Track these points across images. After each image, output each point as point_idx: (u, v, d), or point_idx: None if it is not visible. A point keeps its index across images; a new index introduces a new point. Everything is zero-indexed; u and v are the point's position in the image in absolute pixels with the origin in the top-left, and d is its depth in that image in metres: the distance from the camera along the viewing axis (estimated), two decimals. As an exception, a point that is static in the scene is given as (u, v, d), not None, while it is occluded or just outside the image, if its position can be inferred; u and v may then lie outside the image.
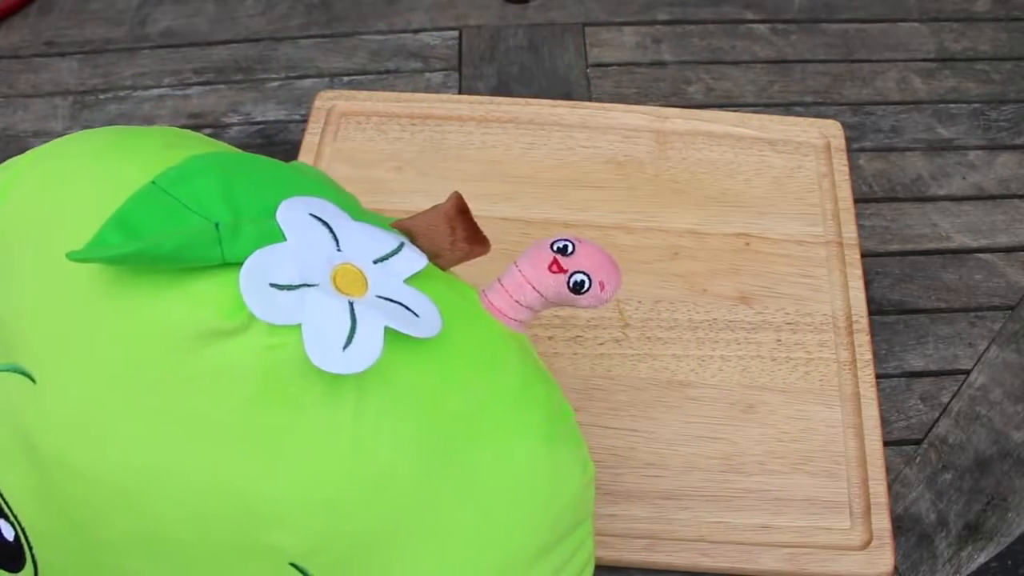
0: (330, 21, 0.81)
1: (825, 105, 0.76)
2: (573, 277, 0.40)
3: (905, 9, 0.83)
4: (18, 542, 0.37)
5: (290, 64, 0.78)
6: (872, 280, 0.66)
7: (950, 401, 0.61)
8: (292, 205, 0.37)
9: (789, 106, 0.76)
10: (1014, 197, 0.71)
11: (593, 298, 0.41)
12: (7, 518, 0.37)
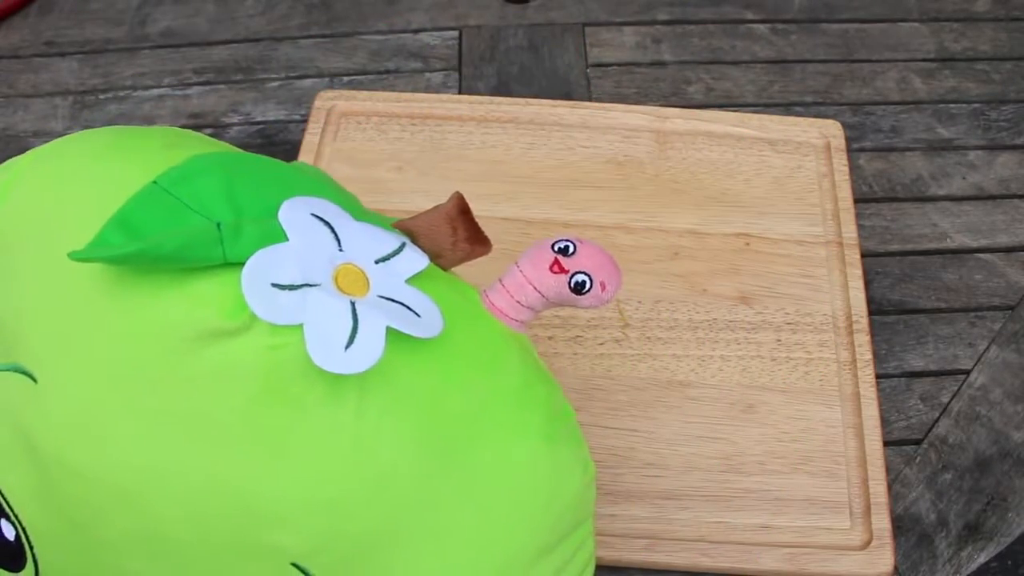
0: (330, 21, 0.81)
1: (825, 105, 0.76)
2: (574, 277, 0.40)
3: (905, 9, 0.83)
4: (19, 542, 0.37)
5: (290, 64, 0.78)
6: (872, 280, 0.66)
7: (950, 401, 0.61)
8: (294, 205, 0.37)
9: (789, 106, 0.76)
10: (1014, 197, 0.71)
11: (594, 298, 0.41)
12: (8, 518, 0.37)
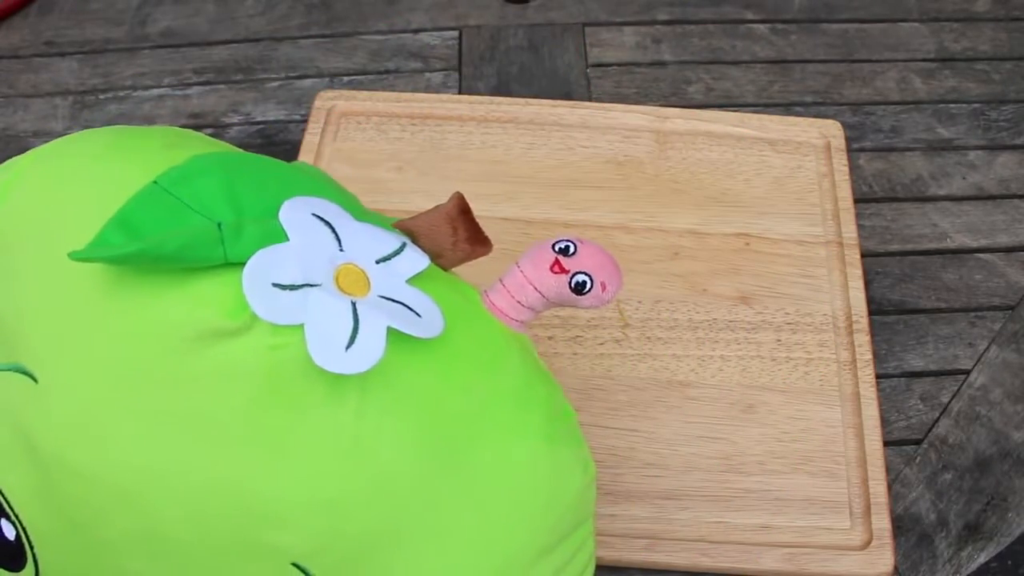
0: (330, 21, 0.81)
1: (825, 105, 0.76)
2: (575, 278, 0.40)
3: (905, 9, 0.83)
4: (19, 541, 0.37)
5: (290, 64, 0.78)
6: (872, 280, 0.66)
7: (950, 401, 0.61)
8: (294, 205, 0.37)
9: (789, 106, 0.76)
10: (1014, 197, 0.71)
11: (595, 299, 0.41)
12: (8, 518, 0.37)
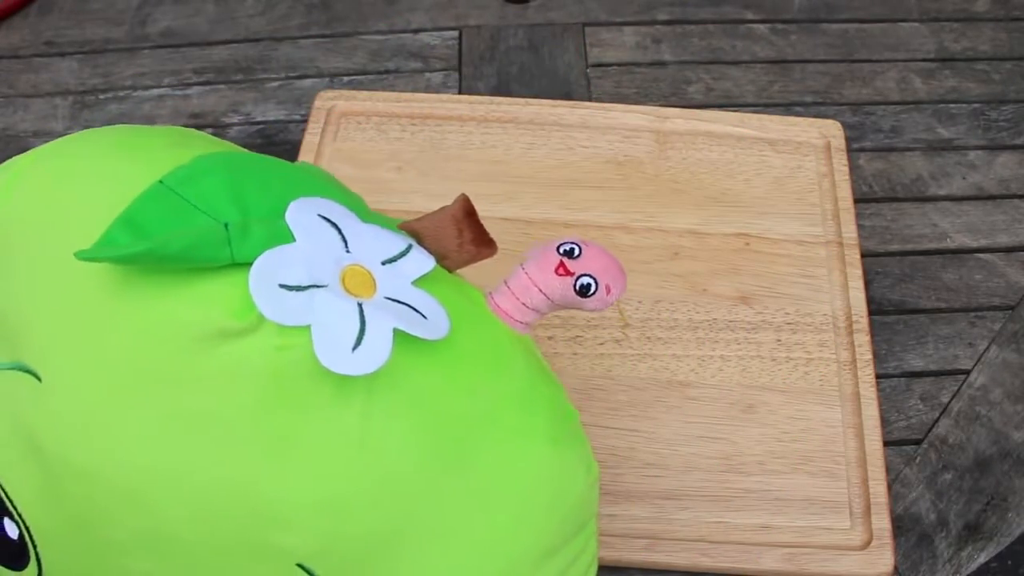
0: (330, 21, 0.81)
1: (825, 105, 0.76)
2: (579, 280, 0.40)
3: (905, 9, 0.83)
4: (22, 540, 0.37)
5: (290, 64, 0.78)
6: (872, 280, 0.66)
7: (950, 401, 0.61)
8: (301, 206, 0.37)
9: (789, 106, 0.76)
10: (1014, 197, 0.71)
11: (599, 301, 0.41)
12: (11, 516, 0.37)
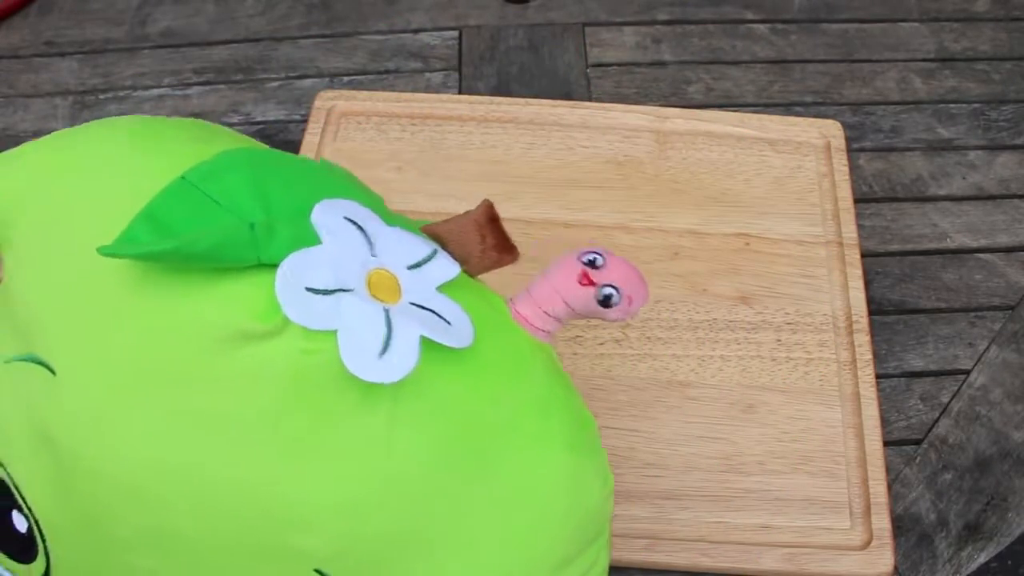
0: (330, 21, 0.81)
1: (825, 105, 0.76)
2: (602, 291, 0.40)
3: (905, 9, 0.83)
4: (31, 534, 0.37)
5: (290, 64, 0.78)
6: (872, 280, 0.66)
7: (950, 401, 0.61)
8: (326, 207, 0.36)
9: (789, 106, 0.76)
10: (1014, 197, 0.71)
11: (621, 312, 0.41)
12: (21, 509, 0.37)
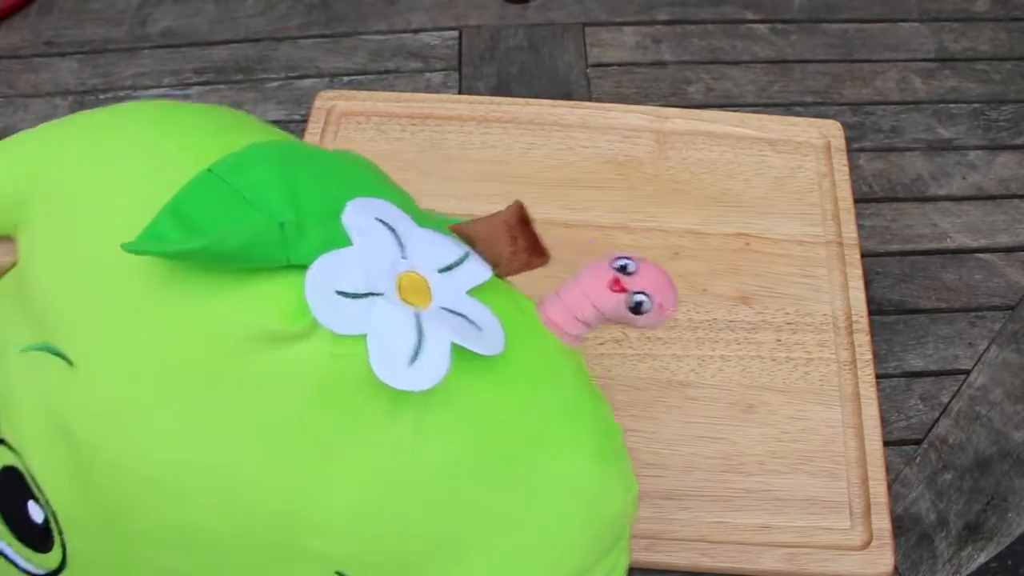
0: (330, 21, 0.81)
1: (825, 105, 0.76)
2: (634, 297, 0.40)
3: (905, 9, 0.83)
4: (47, 525, 0.36)
5: (290, 64, 0.78)
6: (872, 280, 0.66)
7: (950, 401, 0.61)
8: (358, 207, 0.35)
9: (789, 106, 0.76)
10: (1014, 197, 0.71)
11: (652, 319, 0.40)
12: (38, 500, 0.36)
